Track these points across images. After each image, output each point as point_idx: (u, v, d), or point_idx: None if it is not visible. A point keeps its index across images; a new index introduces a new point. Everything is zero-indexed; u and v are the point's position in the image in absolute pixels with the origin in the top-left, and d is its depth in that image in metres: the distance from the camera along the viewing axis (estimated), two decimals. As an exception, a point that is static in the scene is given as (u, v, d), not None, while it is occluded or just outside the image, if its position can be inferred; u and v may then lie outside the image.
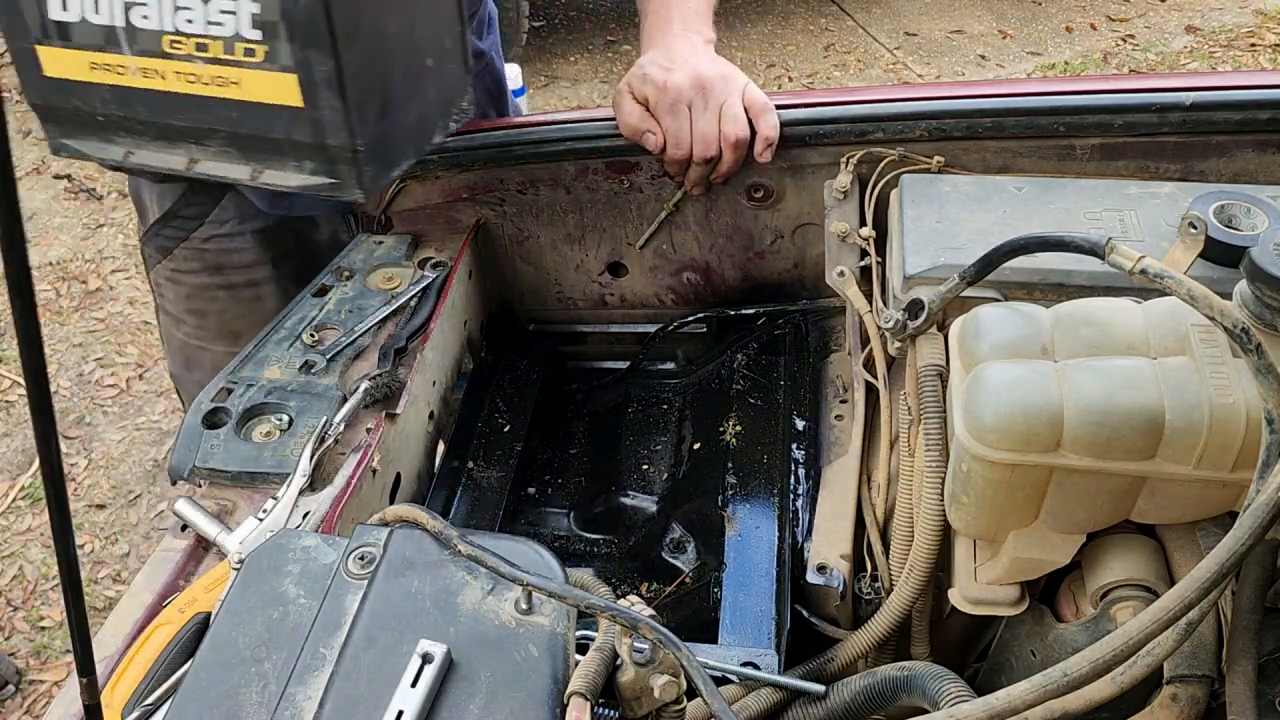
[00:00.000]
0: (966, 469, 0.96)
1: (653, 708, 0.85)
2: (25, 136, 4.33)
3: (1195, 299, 0.86)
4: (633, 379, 1.61)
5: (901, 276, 1.18)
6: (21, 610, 2.66)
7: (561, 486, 1.46)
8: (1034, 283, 1.13)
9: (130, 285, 3.61)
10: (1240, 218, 1.13)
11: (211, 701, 0.79)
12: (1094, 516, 0.97)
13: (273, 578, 0.87)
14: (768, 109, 1.37)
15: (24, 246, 0.49)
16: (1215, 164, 1.35)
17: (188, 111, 1.03)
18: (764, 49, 4.98)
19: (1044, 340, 0.96)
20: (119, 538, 2.84)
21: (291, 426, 1.17)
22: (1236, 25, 5.07)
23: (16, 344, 0.68)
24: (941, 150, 1.37)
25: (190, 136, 1.05)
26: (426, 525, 0.89)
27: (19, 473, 3.01)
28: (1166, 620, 0.77)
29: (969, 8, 5.25)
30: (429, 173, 1.46)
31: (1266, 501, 0.77)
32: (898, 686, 1.03)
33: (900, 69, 4.83)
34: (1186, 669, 0.93)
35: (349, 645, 0.81)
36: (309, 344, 1.28)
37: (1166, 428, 0.88)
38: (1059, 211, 1.21)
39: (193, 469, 1.15)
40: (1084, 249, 0.95)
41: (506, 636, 0.82)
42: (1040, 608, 1.08)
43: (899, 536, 1.15)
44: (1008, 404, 0.91)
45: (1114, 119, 1.32)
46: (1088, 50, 4.92)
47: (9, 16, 1.01)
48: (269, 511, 1.06)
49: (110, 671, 0.95)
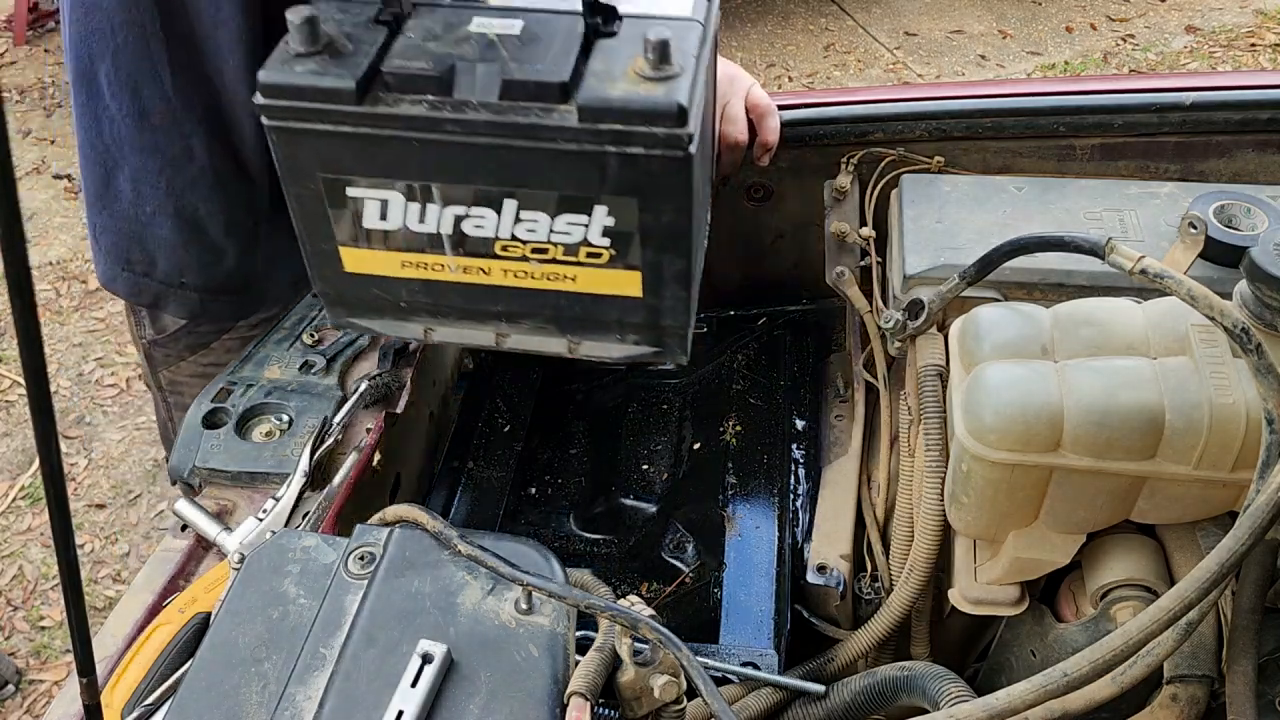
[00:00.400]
0: (966, 469, 0.96)
1: (653, 708, 0.85)
2: (25, 136, 4.33)
3: (1195, 299, 0.86)
4: (632, 379, 1.61)
5: (901, 276, 1.18)
6: (21, 610, 2.66)
7: (561, 487, 1.46)
8: (1034, 283, 1.13)
9: (130, 285, 3.61)
10: (1240, 218, 1.13)
11: (211, 701, 0.79)
12: (1094, 516, 0.97)
13: (273, 578, 0.87)
14: (770, 112, 1.37)
15: (24, 246, 0.49)
16: (1215, 164, 1.35)
17: (509, 300, 1.01)
18: (764, 49, 4.98)
19: (1044, 340, 0.96)
20: (119, 537, 2.84)
21: (291, 426, 1.17)
22: (1236, 25, 5.07)
23: (16, 344, 0.68)
24: (941, 150, 1.37)
25: (504, 318, 1.04)
26: (426, 525, 0.89)
27: (19, 473, 3.01)
28: (1166, 620, 0.77)
29: (969, 8, 5.25)
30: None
31: (1266, 501, 0.77)
32: (898, 686, 1.03)
33: (900, 69, 4.83)
34: (1186, 669, 0.93)
35: (349, 645, 0.81)
36: (309, 344, 1.28)
37: (1166, 428, 0.88)
38: (1059, 211, 1.21)
39: (193, 469, 1.15)
40: (1084, 249, 0.95)
41: (506, 636, 0.82)
42: (1040, 608, 1.08)
43: (899, 536, 1.15)
44: (1008, 404, 0.91)
45: (1114, 119, 1.33)
46: (1088, 50, 4.92)
47: (311, 221, 0.98)
48: (269, 511, 1.06)
49: (110, 671, 0.95)
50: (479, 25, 0.94)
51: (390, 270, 1.01)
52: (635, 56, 0.90)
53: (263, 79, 0.89)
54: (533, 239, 0.96)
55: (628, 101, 0.87)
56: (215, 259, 1.29)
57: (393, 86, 0.89)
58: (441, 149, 0.91)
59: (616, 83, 0.88)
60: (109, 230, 1.27)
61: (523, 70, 0.89)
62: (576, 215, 0.94)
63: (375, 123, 0.89)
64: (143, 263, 1.29)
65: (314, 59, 0.90)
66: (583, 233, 0.95)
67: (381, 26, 0.93)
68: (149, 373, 1.48)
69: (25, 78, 4.66)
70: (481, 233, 0.96)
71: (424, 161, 0.92)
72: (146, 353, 1.46)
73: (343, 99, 0.89)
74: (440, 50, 0.91)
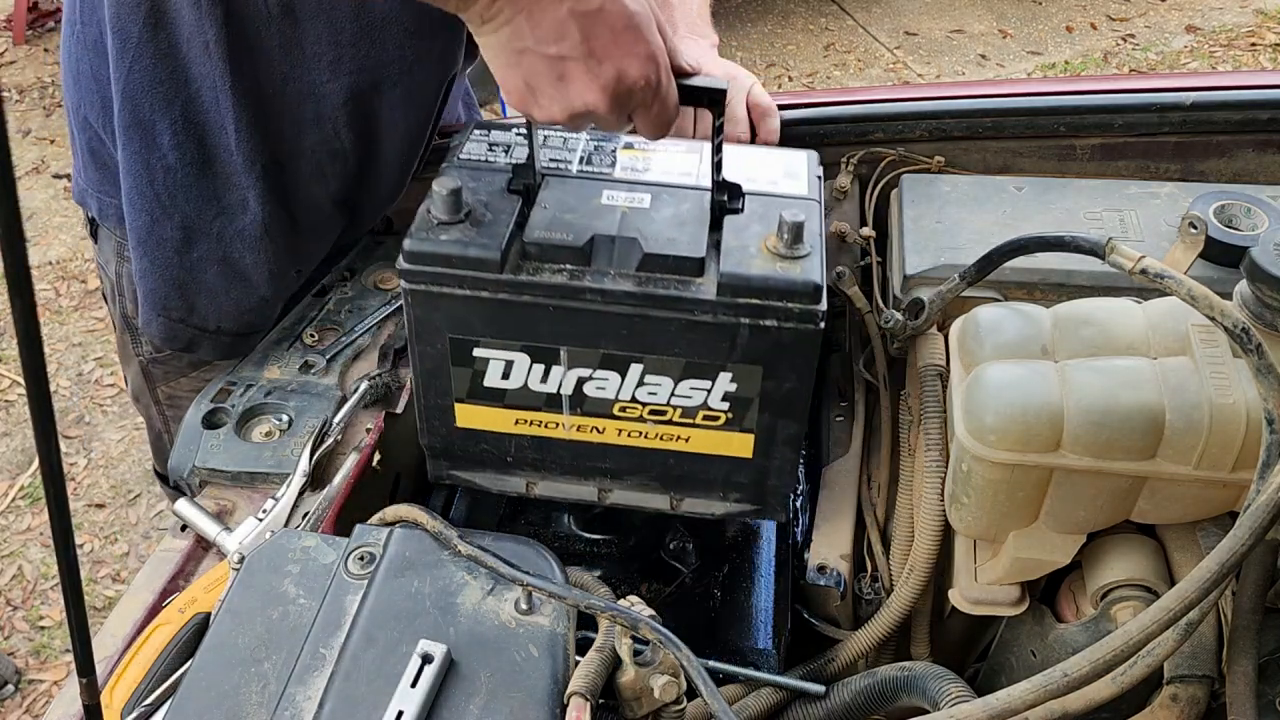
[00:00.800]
0: (967, 469, 0.96)
1: (653, 708, 0.85)
2: (25, 136, 4.33)
3: (1195, 299, 0.86)
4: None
5: (901, 276, 1.18)
6: (21, 610, 2.66)
7: (561, 486, 1.46)
8: (1034, 283, 1.13)
9: (130, 285, 3.61)
10: (1240, 218, 1.13)
11: (211, 701, 0.79)
12: (1094, 516, 0.97)
13: (273, 578, 0.87)
14: (770, 112, 1.37)
15: (24, 246, 0.49)
16: (1215, 164, 1.35)
17: (618, 458, 1.04)
18: (764, 48, 4.97)
19: (1044, 340, 0.96)
20: (118, 537, 2.84)
21: (291, 426, 1.17)
22: (1237, 25, 5.07)
23: (16, 344, 0.68)
24: (941, 150, 1.37)
25: (610, 474, 1.07)
26: (426, 525, 0.89)
27: (19, 472, 3.01)
28: (1167, 620, 0.77)
29: (969, 7, 5.25)
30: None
31: (1266, 502, 0.77)
32: (898, 687, 1.03)
33: (900, 69, 4.83)
34: (1187, 669, 0.93)
35: (349, 645, 0.81)
36: (309, 344, 1.28)
37: (1167, 428, 0.88)
38: (1059, 211, 1.21)
39: (192, 469, 1.15)
40: (1084, 249, 0.95)
41: (506, 636, 0.82)
42: (1040, 608, 1.08)
43: (899, 537, 1.15)
44: (1008, 404, 0.91)
45: (1114, 119, 1.32)
46: (1088, 50, 4.92)
47: (432, 377, 1.01)
48: (268, 512, 1.06)
49: (110, 671, 0.95)
50: (609, 198, 0.99)
51: (502, 426, 1.04)
52: (766, 234, 0.95)
53: (409, 247, 0.93)
54: (652, 401, 0.99)
55: (767, 279, 0.92)
56: (254, 306, 1.30)
57: (534, 256, 0.94)
58: (576, 316, 0.94)
59: (753, 259, 0.93)
60: (148, 275, 1.27)
61: (660, 244, 0.93)
62: (700, 380, 0.97)
63: (516, 290, 0.93)
64: (180, 309, 1.29)
65: (457, 228, 0.94)
66: (704, 397, 0.98)
67: (515, 196, 0.98)
68: (145, 388, 1.46)
69: (25, 77, 4.66)
70: (602, 394, 0.99)
71: (557, 327, 0.95)
72: (144, 369, 1.43)
73: (487, 267, 0.92)
74: (577, 222, 0.95)
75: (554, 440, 1.05)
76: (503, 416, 1.04)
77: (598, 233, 0.94)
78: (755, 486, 1.06)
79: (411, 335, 0.99)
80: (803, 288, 0.91)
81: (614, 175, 1.03)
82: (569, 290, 0.93)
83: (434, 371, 1.00)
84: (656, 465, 1.05)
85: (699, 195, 0.99)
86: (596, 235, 0.94)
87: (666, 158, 1.04)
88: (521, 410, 1.03)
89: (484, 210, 0.96)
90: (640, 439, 1.03)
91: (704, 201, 0.98)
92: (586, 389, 1.00)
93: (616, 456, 1.04)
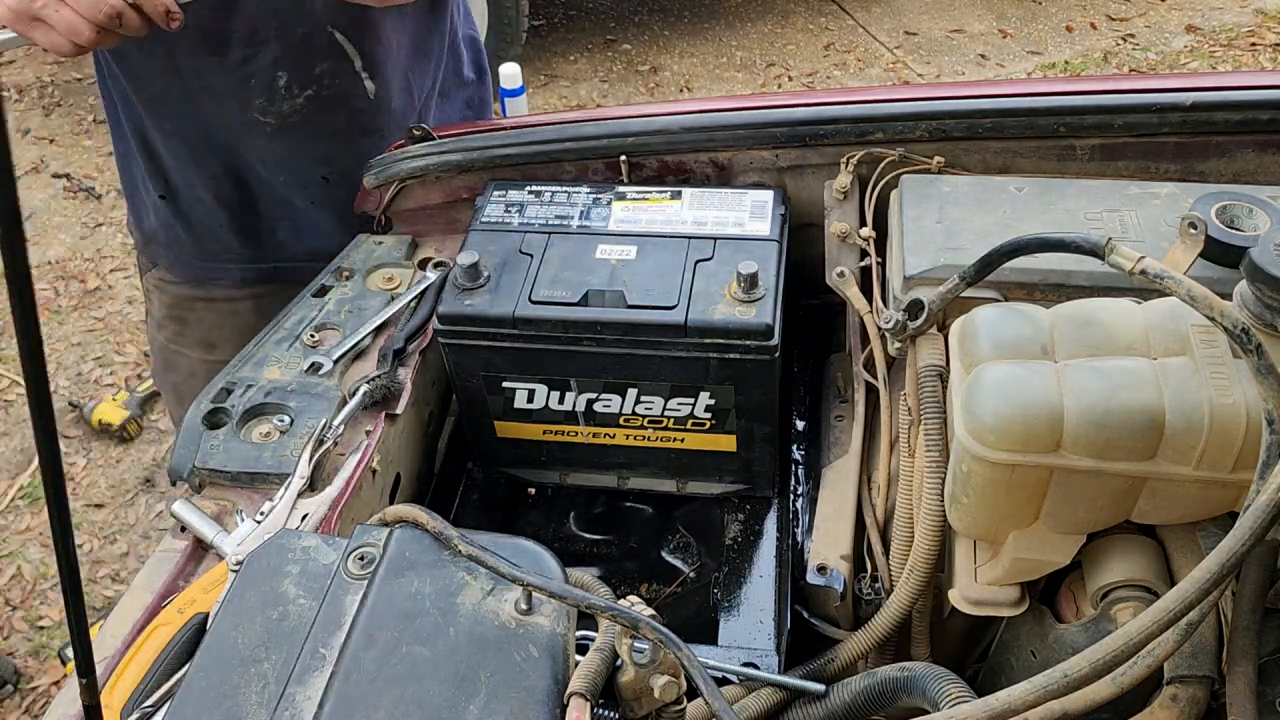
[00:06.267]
0: (966, 469, 0.96)
1: (653, 708, 0.85)
2: (24, 135, 4.33)
3: (1195, 299, 0.86)
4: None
5: (901, 277, 1.17)
6: (20, 610, 2.66)
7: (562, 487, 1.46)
8: (1034, 283, 1.13)
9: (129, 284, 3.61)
10: (1241, 218, 1.13)
11: (211, 701, 0.79)
12: (1094, 517, 0.97)
13: (272, 578, 0.87)
14: None
15: (24, 246, 0.49)
16: (1215, 164, 1.35)
17: (629, 456, 1.32)
18: (764, 48, 4.97)
19: (1044, 340, 0.96)
20: (118, 537, 2.83)
21: (291, 427, 1.17)
22: (1236, 25, 5.07)
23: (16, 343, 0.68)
24: (941, 150, 1.36)
25: (625, 467, 1.34)
26: (426, 525, 0.89)
27: (18, 472, 3.01)
28: (1167, 621, 0.77)
29: (969, 7, 5.25)
30: (428, 174, 1.46)
31: (1266, 502, 0.77)
32: (898, 687, 1.03)
33: (900, 68, 4.83)
34: (1187, 669, 0.93)
35: (349, 645, 0.81)
36: (309, 344, 1.28)
37: (1166, 428, 0.88)
38: (1059, 212, 1.21)
39: (192, 469, 1.14)
40: (1084, 249, 0.95)
41: (506, 637, 0.82)
42: (1040, 608, 1.08)
43: (899, 537, 1.14)
44: (1008, 404, 0.91)
45: (1114, 119, 1.32)
46: (1088, 50, 4.92)
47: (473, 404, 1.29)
48: (268, 512, 1.06)
49: (110, 671, 0.95)
50: (603, 252, 1.25)
51: (533, 436, 1.32)
52: (729, 281, 1.18)
53: (441, 310, 1.22)
54: (649, 414, 1.26)
55: (728, 323, 1.15)
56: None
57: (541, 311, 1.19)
58: (579, 355, 1.21)
59: (716, 306, 1.17)
60: None
61: (641, 295, 1.18)
62: (685, 398, 1.23)
63: (528, 340, 1.20)
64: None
65: (478, 292, 1.21)
66: (690, 409, 1.24)
67: (526, 256, 1.25)
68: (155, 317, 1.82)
69: (25, 77, 4.66)
70: (608, 410, 1.26)
71: (564, 364, 1.22)
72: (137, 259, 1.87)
73: (504, 324, 1.19)
74: (574, 278, 1.21)
75: (576, 444, 1.31)
76: (532, 429, 1.30)
77: (591, 288, 1.19)
78: (744, 470, 1.30)
79: (452, 374, 1.27)
80: (757, 327, 1.14)
81: (608, 228, 1.28)
82: (569, 338, 1.19)
83: (474, 399, 1.28)
84: (661, 459, 1.30)
85: (679, 244, 1.24)
86: (590, 290, 1.19)
87: (654, 207, 1.31)
88: (546, 424, 1.29)
89: (498, 274, 1.22)
90: (645, 441, 1.28)
91: (683, 249, 1.23)
92: (596, 407, 1.25)
93: (628, 454, 1.31)
